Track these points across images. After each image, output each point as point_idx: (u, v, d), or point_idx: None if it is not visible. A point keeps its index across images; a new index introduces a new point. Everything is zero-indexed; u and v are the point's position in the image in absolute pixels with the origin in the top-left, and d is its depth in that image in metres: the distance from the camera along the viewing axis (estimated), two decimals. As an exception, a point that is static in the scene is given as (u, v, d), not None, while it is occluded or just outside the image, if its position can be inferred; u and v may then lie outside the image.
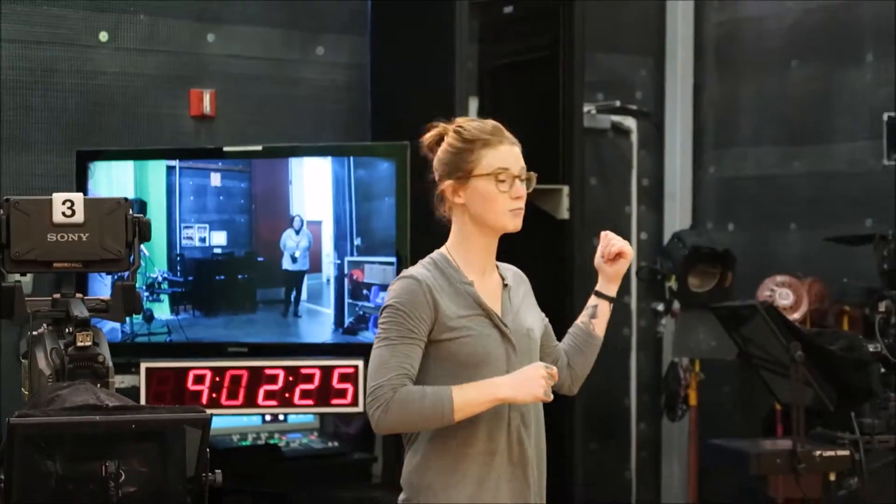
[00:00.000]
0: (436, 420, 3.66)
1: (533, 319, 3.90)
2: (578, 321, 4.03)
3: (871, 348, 5.26)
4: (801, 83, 7.70)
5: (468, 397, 3.65)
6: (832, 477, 5.51)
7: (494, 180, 3.75)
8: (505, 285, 3.87)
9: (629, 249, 3.94)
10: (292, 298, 5.92)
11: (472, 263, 3.82)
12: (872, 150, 7.31)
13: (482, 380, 3.68)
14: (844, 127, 7.49)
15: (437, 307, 3.71)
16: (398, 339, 3.69)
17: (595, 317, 3.99)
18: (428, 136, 3.92)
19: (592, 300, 4.02)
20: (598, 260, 3.99)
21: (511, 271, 3.98)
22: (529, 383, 3.64)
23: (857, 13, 7.42)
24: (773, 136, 7.85)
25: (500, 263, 3.96)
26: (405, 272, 3.84)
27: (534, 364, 3.71)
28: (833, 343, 5.43)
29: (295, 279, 5.91)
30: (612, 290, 3.99)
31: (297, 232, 5.91)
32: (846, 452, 5.22)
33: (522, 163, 3.80)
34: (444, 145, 3.86)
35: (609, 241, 3.95)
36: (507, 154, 3.78)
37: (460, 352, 3.71)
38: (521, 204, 3.78)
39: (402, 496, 3.86)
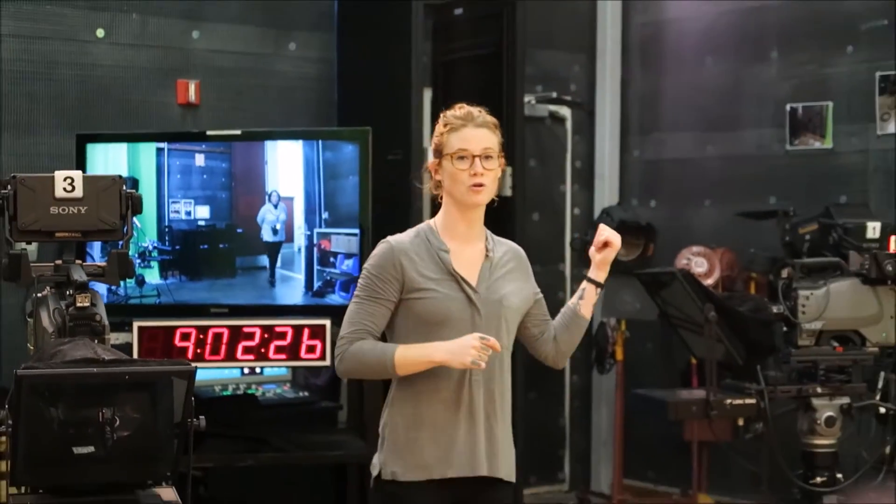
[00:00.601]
0: (381, 372, 3.73)
1: (513, 290, 3.85)
2: (569, 301, 3.98)
3: (774, 310, 5.28)
4: (715, 77, 7.73)
5: (408, 356, 3.68)
6: (740, 422, 5.53)
7: (455, 159, 3.74)
8: (487, 256, 3.84)
9: (616, 239, 3.86)
10: (270, 266, 5.91)
11: (454, 233, 3.81)
12: (776, 137, 7.36)
13: (438, 339, 3.69)
14: (752, 116, 7.54)
15: (403, 270, 3.72)
16: (366, 299, 3.74)
17: (583, 298, 3.92)
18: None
19: (583, 284, 3.96)
20: (591, 250, 3.91)
21: (506, 246, 3.94)
22: (461, 352, 3.63)
23: (764, 16, 7.46)
24: (689, 124, 7.88)
25: (500, 239, 3.94)
26: (390, 237, 3.84)
27: (472, 334, 3.67)
28: (741, 305, 5.46)
29: (274, 249, 5.90)
30: (600, 276, 3.90)
31: (276, 206, 5.88)
32: (753, 401, 5.24)
33: (487, 143, 3.77)
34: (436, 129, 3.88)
35: (599, 231, 3.88)
36: (470, 136, 3.75)
37: (424, 311, 3.72)
38: (481, 180, 3.73)
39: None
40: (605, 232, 3.85)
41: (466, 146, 3.74)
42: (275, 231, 5.88)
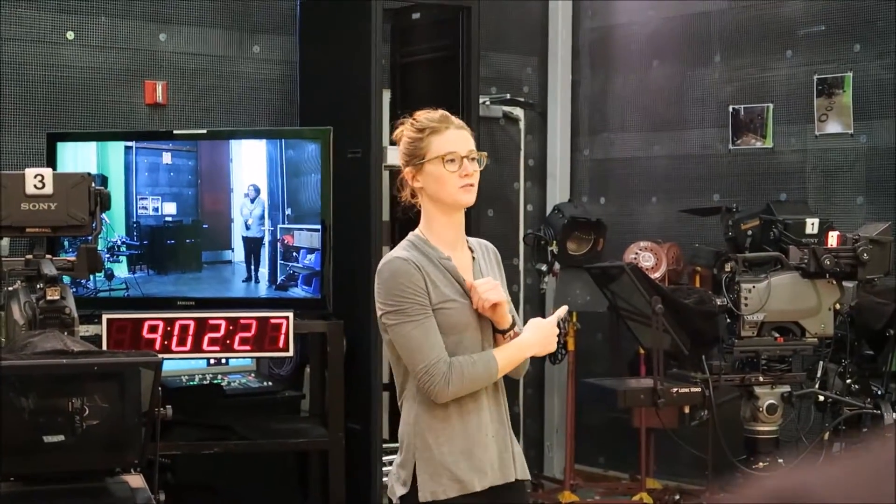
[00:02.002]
0: (487, 382, 3.56)
1: None
2: None
3: (718, 302, 5.28)
4: (661, 80, 7.75)
5: (508, 359, 3.56)
6: (686, 410, 5.53)
7: (443, 162, 3.57)
8: (474, 258, 3.69)
9: (500, 297, 3.58)
10: (245, 260, 5.86)
11: (444, 240, 3.63)
12: (719, 137, 7.39)
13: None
14: (696, 117, 7.56)
15: (427, 281, 3.54)
16: (422, 316, 3.52)
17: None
18: (395, 133, 3.75)
19: None
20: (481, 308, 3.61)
21: (478, 243, 3.77)
22: (549, 342, 3.59)
23: (707, 22, 7.49)
24: (637, 124, 7.89)
25: (468, 237, 3.75)
26: (391, 255, 3.62)
27: (547, 321, 3.61)
28: (687, 297, 5.45)
29: (247, 244, 5.86)
30: (499, 326, 3.62)
31: (252, 201, 5.85)
32: (698, 389, 5.23)
33: (471, 144, 3.63)
34: (403, 137, 3.68)
35: (479, 298, 3.57)
36: (455, 137, 3.60)
37: (444, 322, 3.54)
38: (471, 180, 3.58)
39: (399, 455, 3.66)
40: (485, 297, 3.55)
41: (454, 148, 3.59)
42: (247, 226, 5.85)
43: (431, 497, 3.54)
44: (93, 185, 3.17)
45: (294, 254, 5.82)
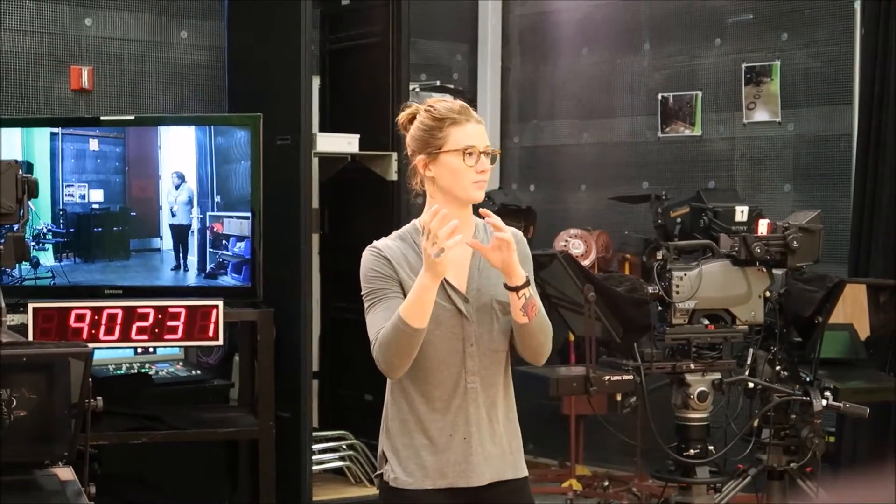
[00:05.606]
0: (404, 336, 3.34)
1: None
2: None
3: (650, 290, 5.29)
4: (590, 67, 7.76)
5: (406, 305, 3.33)
6: (618, 397, 5.54)
7: (462, 156, 3.44)
8: (474, 253, 3.51)
9: (505, 237, 3.37)
10: (180, 250, 5.80)
11: None
12: (648, 124, 7.42)
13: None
14: (625, 104, 7.59)
15: (395, 270, 3.46)
16: (375, 302, 3.45)
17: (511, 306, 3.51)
18: (402, 116, 3.58)
19: None
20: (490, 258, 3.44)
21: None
22: (427, 265, 3.29)
23: (637, 9, 7.52)
24: (566, 112, 7.90)
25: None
26: (371, 244, 3.52)
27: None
28: (619, 285, 5.45)
29: (179, 232, 5.78)
30: (511, 281, 3.41)
31: (177, 188, 5.78)
32: (630, 377, 5.24)
33: (487, 140, 3.50)
34: (416, 123, 3.53)
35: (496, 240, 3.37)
36: (474, 132, 3.48)
37: None
38: (485, 177, 3.47)
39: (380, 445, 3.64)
40: (500, 234, 3.36)
41: (474, 142, 3.46)
42: (172, 213, 5.78)
43: (393, 483, 3.53)
44: (20, 172, 3.11)
45: (223, 241, 5.76)
